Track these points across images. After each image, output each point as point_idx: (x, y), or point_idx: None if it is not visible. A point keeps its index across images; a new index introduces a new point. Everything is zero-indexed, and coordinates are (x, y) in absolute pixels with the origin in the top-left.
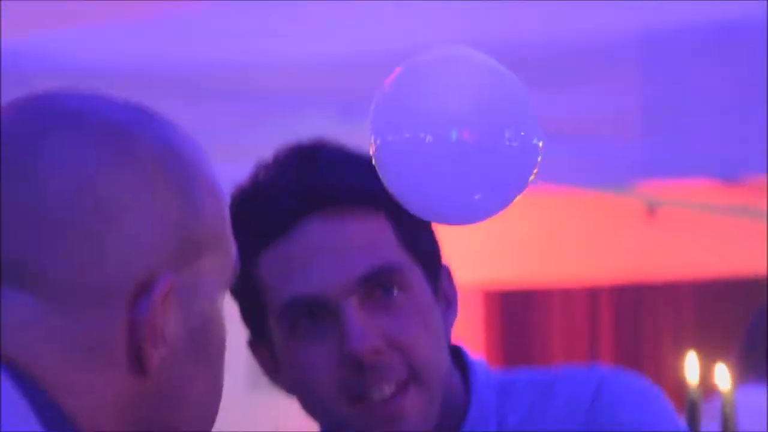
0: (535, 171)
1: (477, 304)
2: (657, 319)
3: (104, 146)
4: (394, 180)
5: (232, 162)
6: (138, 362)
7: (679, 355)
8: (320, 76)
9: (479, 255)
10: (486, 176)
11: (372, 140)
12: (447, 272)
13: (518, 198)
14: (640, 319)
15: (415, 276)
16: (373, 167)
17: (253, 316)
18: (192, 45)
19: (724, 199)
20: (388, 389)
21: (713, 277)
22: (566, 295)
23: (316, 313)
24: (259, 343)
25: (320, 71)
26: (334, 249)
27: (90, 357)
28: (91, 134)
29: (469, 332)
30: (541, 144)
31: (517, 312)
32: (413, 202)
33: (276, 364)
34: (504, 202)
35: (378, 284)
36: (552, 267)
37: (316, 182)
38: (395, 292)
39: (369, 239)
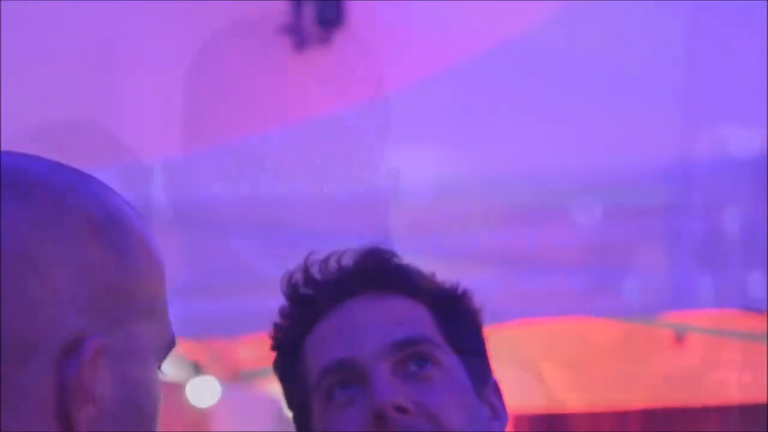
0: None
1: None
2: None
3: (37, 205)
4: None
5: (266, 296)
6: (66, 422)
7: None
8: (354, 209)
9: (509, 380)
10: None
11: None
12: (495, 386)
13: (546, 326)
14: None
15: (452, 361)
16: (420, 270)
17: (298, 404)
18: (220, 179)
19: (749, 325)
20: None
21: (741, 402)
22: (595, 418)
23: (349, 380)
24: None
25: (354, 204)
26: (371, 320)
27: (18, 415)
28: (25, 195)
29: None
30: None
31: None
32: None
33: None
34: None
35: (411, 356)
36: (580, 391)
37: (361, 268)
38: (428, 366)
39: (406, 316)
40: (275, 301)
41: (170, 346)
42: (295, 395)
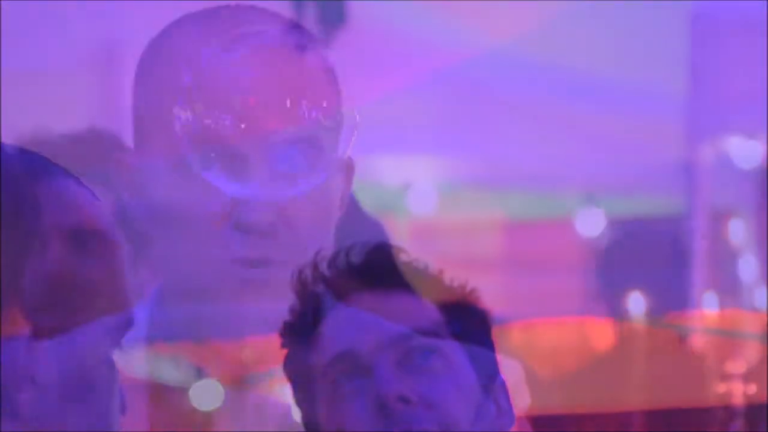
0: None
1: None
2: None
3: (10, 190)
4: None
5: (270, 298)
6: (8, 404)
7: None
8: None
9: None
10: None
11: None
12: (503, 384)
13: (548, 328)
14: None
15: (458, 355)
16: (427, 266)
17: (305, 401)
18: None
19: (751, 326)
20: None
21: (743, 402)
22: (597, 419)
23: (354, 371)
24: None
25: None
26: (377, 314)
27: None
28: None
29: None
30: None
31: None
32: None
33: None
34: None
35: (416, 347)
36: (583, 393)
37: (370, 264)
38: (433, 358)
39: (412, 310)
40: (281, 303)
41: (127, 325)
42: (303, 392)
